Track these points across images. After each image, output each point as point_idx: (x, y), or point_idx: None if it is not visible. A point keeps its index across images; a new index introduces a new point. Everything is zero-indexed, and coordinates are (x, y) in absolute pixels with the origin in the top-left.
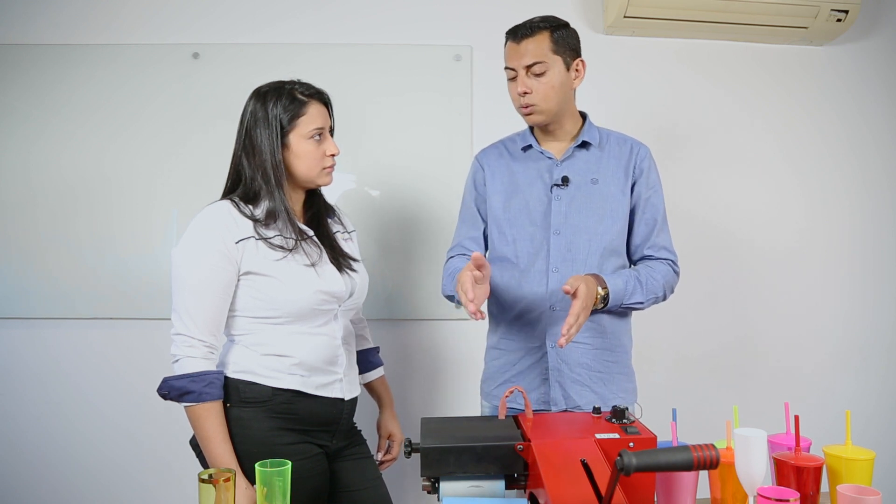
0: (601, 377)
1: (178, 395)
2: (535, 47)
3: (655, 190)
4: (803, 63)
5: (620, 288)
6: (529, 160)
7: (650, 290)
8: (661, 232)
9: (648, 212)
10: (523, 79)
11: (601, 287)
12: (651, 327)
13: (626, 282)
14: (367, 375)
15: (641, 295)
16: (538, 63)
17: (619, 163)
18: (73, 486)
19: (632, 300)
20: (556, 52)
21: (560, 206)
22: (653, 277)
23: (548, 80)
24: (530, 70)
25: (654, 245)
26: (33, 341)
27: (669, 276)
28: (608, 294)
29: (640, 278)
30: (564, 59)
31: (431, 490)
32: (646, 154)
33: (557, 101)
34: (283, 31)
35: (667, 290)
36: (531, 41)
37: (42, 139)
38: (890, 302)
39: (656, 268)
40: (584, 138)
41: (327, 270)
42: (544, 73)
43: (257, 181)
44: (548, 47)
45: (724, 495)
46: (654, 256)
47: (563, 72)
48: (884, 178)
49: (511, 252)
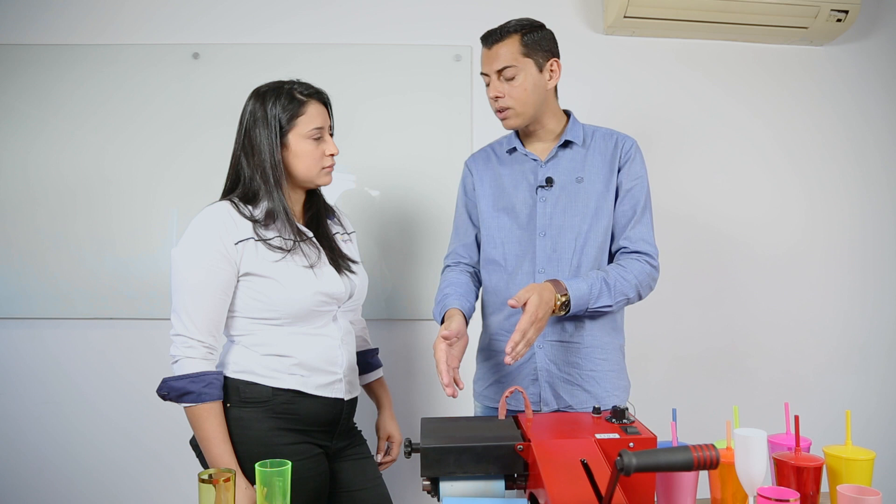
0: (592, 375)
1: (178, 396)
2: (505, 51)
3: (639, 181)
4: (803, 63)
5: (584, 292)
6: (515, 163)
7: (619, 291)
8: (640, 223)
9: (627, 202)
10: (495, 83)
11: (560, 294)
12: (651, 327)
13: (590, 286)
14: (366, 377)
15: (609, 298)
16: (508, 67)
17: (603, 158)
18: (73, 486)
19: (598, 304)
20: (527, 55)
21: (545, 208)
22: (623, 278)
23: (519, 83)
24: (501, 74)
25: (629, 237)
26: (33, 341)
27: (643, 276)
28: (569, 300)
29: (607, 280)
30: (536, 61)
31: (431, 490)
32: (631, 146)
33: (532, 104)
34: (283, 31)
35: (641, 289)
36: (501, 45)
37: (42, 139)
38: (890, 302)
39: (629, 267)
40: (567, 137)
41: (326, 272)
42: (515, 77)
43: (256, 181)
44: (517, 51)
45: (724, 495)
46: (630, 249)
47: (535, 74)
48: (884, 178)
49: (499, 255)
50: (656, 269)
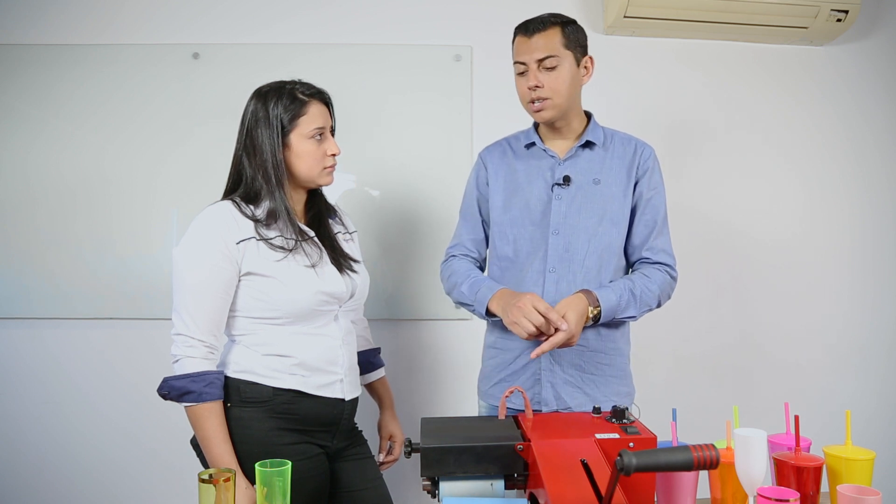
0: (593, 379)
1: (179, 396)
2: (547, 42)
3: (657, 191)
4: (803, 63)
5: (613, 304)
6: (532, 158)
7: (644, 302)
8: (661, 234)
9: (648, 213)
10: (535, 72)
11: (593, 307)
12: (651, 327)
13: (619, 296)
14: (368, 376)
15: (635, 309)
16: (550, 57)
17: (622, 163)
18: (73, 486)
19: (625, 314)
20: (568, 48)
21: (560, 206)
22: (648, 289)
23: (559, 74)
24: (542, 64)
25: (652, 248)
26: (33, 341)
27: (665, 285)
28: (600, 313)
29: (634, 291)
30: (575, 55)
31: (431, 490)
32: (650, 154)
33: (568, 97)
34: (283, 31)
35: (662, 298)
36: (543, 35)
37: (42, 139)
38: (890, 302)
39: (653, 277)
40: (589, 138)
41: (327, 271)
42: (556, 68)
43: (258, 181)
44: (559, 42)
45: (724, 495)
46: (652, 260)
47: (574, 67)
48: (884, 178)
49: (511, 251)
50: (675, 279)
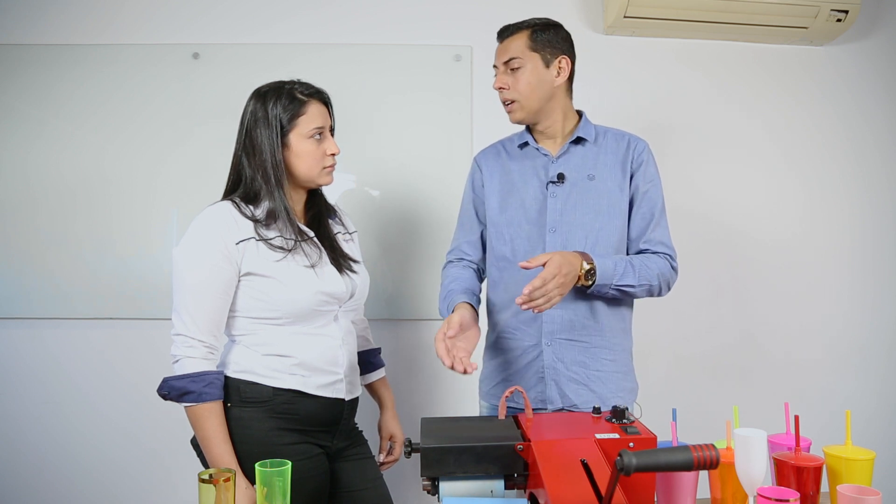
0: (598, 376)
1: (178, 396)
2: (514, 45)
3: (654, 184)
4: (803, 63)
5: (609, 267)
6: (526, 158)
7: (643, 276)
8: (658, 226)
9: (645, 205)
10: (501, 74)
11: (587, 262)
12: (651, 326)
13: (615, 262)
14: (368, 376)
15: (633, 278)
16: (514, 59)
17: (616, 158)
18: (73, 486)
19: (623, 281)
20: (534, 50)
21: (556, 204)
22: (646, 266)
23: (521, 75)
24: (507, 66)
25: (650, 240)
26: (33, 341)
27: (665, 269)
28: (594, 269)
29: (632, 262)
30: (543, 57)
31: (431, 490)
32: (644, 148)
33: (537, 98)
34: (283, 31)
35: (661, 281)
36: (511, 39)
37: (42, 139)
38: (890, 302)
39: (651, 258)
40: (580, 134)
41: (327, 271)
42: (519, 69)
43: (257, 181)
44: (525, 45)
45: (724, 495)
46: (651, 251)
47: (541, 69)
48: (884, 178)
49: (509, 251)
50: (675, 270)
